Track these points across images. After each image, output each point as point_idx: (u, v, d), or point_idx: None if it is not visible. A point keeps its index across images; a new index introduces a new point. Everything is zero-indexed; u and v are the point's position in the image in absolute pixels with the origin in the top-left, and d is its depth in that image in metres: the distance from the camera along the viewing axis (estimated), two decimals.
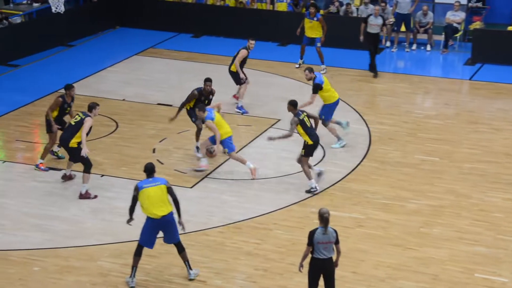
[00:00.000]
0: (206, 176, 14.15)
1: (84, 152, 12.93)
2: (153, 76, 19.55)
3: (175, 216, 10.77)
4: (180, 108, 14.77)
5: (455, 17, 22.01)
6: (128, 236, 12.05)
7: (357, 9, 22.83)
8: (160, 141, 15.56)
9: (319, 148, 15.42)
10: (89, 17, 23.04)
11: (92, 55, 21.28)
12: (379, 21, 19.77)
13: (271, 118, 16.88)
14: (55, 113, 13.98)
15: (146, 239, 10.82)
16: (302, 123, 13.50)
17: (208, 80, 14.87)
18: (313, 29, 20.00)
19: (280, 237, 12.18)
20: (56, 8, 21.11)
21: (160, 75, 19.49)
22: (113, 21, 23.63)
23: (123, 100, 17.77)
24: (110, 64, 20.25)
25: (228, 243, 11.96)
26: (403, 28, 22.13)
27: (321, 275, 9.84)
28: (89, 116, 13.02)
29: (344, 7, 22.76)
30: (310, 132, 13.56)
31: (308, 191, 13.55)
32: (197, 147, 14.79)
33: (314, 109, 15.06)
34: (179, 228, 10.84)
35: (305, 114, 13.63)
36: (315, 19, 19.89)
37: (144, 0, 23.97)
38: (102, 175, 14.09)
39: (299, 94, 18.61)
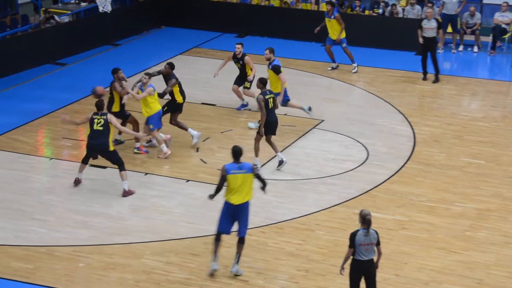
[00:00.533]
0: None
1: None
2: (198, 76, 19.64)
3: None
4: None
5: (503, 18, 21.66)
6: (171, 234, 12.13)
7: (403, 9, 22.62)
8: (204, 140, 15.61)
9: (362, 149, 15.36)
10: (135, 16, 23.25)
11: (138, 54, 21.46)
12: (433, 24, 19.23)
13: (314, 119, 16.81)
14: (118, 99, 14.58)
15: (223, 225, 10.91)
16: (266, 102, 13.89)
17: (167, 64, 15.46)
18: (332, 28, 19.84)
19: (322, 238, 12.14)
20: (103, 8, 21.37)
21: (204, 75, 19.56)
22: (158, 21, 23.81)
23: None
24: (155, 63, 20.37)
25: (270, 243, 11.95)
26: (449, 29, 21.85)
27: (362, 277, 9.77)
28: (107, 113, 13.27)
29: (389, 8, 22.57)
30: (269, 112, 13.95)
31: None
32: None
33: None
34: (262, 193, 11.28)
35: (272, 96, 14.05)
36: (333, 17, 19.74)
37: (189, 0, 24.11)
38: (146, 173, 14.20)
39: (342, 95, 18.60)
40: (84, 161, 13.59)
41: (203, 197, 13.26)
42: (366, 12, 22.99)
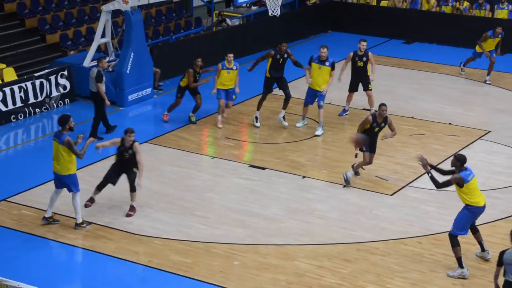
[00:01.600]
0: (407, 185, 13.88)
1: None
2: None
3: None
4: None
5: None
6: (325, 238, 12.12)
7: None
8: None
9: None
10: (302, 20, 23.45)
11: (303, 58, 21.53)
12: None
13: (481, 129, 16.20)
14: (186, 82, 16.51)
15: (462, 227, 11.06)
16: None
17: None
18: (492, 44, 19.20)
19: None
20: (273, 11, 21.66)
21: None
22: (326, 25, 23.87)
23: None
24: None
25: (427, 254, 11.65)
26: None
27: None
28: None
29: None
30: None
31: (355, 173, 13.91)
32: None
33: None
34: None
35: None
36: (500, 36, 19.01)
37: (357, 5, 24.00)
38: (304, 177, 14.27)
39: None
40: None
41: (358, 203, 13.19)
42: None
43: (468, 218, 11.04)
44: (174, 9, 23.05)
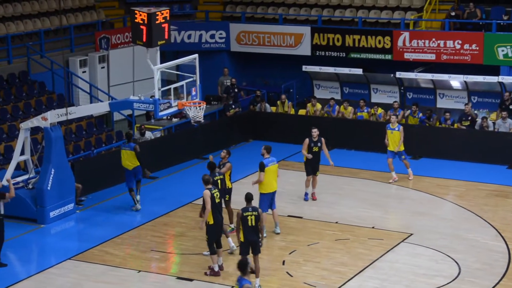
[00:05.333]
0: None
1: None
2: (285, 188, 19.69)
3: None
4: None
5: None
6: None
7: (494, 123, 22.28)
8: (290, 253, 15.50)
9: (454, 264, 14.89)
10: (223, 130, 23.76)
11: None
12: None
13: (402, 232, 16.51)
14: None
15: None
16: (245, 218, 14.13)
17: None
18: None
19: None
20: (195, 117, 21.70)
21: (291, 187, 19.64)
22: (247, 135, 24.26)
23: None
24: (243, 176, 20.57)
25: None
26: None
27: None
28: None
29: (479, 121, 22.27)
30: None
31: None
32: None
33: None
34: None
35: (254, 214, 14.22)
36: (397, 129, 19.91)
37: (276, 114, 24.57)
38: (233, 287, 14.12)
39: (432, 208, 18.24)
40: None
41: None
42: (455, 125, 22.79)
43: None
44: (94, 123, 23.04)
